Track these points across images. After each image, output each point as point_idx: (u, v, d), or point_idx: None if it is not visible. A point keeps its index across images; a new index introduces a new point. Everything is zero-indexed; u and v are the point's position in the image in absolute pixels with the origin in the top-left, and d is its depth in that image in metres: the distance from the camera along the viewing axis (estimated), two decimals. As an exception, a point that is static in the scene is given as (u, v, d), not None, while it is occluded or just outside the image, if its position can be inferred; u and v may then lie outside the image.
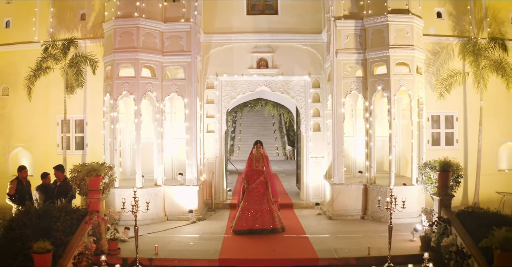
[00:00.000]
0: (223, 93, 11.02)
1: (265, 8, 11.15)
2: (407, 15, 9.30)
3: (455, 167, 7.56)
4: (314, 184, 10.92)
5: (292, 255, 6.93)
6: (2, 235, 6.50)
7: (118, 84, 9.21)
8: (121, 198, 7.89)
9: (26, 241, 6.18)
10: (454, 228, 6.60)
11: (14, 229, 6.48)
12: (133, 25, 9.23)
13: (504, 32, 11.94)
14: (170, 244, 7.57)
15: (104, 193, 7.53)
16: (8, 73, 12.01)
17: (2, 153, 12.05)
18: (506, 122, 11.84)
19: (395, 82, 9.19)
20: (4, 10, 12.23)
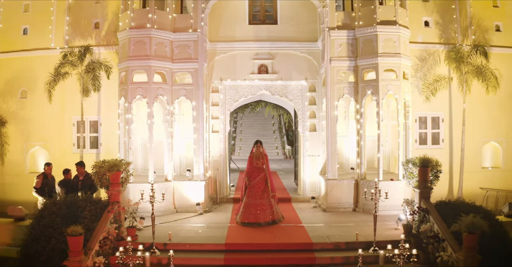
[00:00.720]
0: (227, 97, 11.98)
1: (266, 18, 12.11)
2: (394, 26, 10.25)
3: (434, 163, 8.51)
4: (310, 179, 11.88)
5: (290, 240, 7.89)
6: (35, 223, 7.45)
7: (133, 89, 10.17)
8: (135, 192, 8.90)
9: (56, 227, 7.15)
10: (432, 216, 7.56)
11: (45, 217, 7.45)
12: (146, 35, 10.19)
13: (488, 39, 12.95)
14: (181, 232, 8.52)
15: (122, 186, 8.46)
16: (26, 78, 12.97)
17: (21, 152, 12.99)
18: (490, 123, 12.80)
19: (383, 87, 10.15)
20: (21, 18, 13.17)
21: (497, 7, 13.19)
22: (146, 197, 7.74)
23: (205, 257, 7.39)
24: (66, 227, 6.58)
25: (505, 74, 12.53)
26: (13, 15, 13.16)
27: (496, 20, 13.15)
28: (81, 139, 11.81)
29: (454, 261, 6.65)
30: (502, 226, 7.51)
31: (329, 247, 7.60)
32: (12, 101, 13.04)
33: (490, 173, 13.02)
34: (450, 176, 12.55)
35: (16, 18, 13.14)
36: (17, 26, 13.13)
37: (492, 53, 12.65)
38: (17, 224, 9.07)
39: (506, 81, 12.54)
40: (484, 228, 6.31)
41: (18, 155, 12.92)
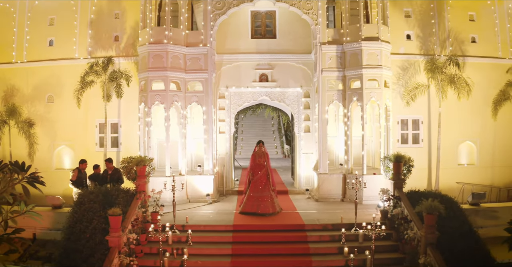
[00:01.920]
0: (232, 102, 13.63)
1: (266, 33, 13.75)
2: (377, 42, 11.91)
3: (406, 159, 10.14)
4: (305, 174, 13.53)
5: (286, 222, 9.53)
6: (76, 208, 9.07)
7: (152, 96, 11.81)
8: (155, 184, 10.53)
9: (95, 211, 8.76)
10: (403, 202, 9.21)
11: (85, 203, 9.06)
12: (163, 50, 11.83)
13: (465, 50, 14.63)
14: (195, 216, 10.16)
15: (147, 178, 10.08)
16: (52, 84, 14.61)
17: (48, 150, 14.62)
18: (465, 125, 14.45)
19: (366, 94, 11.81)
20: (47, 31, 14.82)
21: (473, 21, 14.85)
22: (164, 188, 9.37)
23: (217, 235, 9.03)
24: (106, 210, 8.22)
25: (479, 81, 14.22)
26: (39, 28, 14.80)
27: (472, 33, 14.81)
28: (104, 139, 13.45)
29: (418, 237, 8.28)
30: (461, 210, 9.16)
31: (319, 228, 9.25)
32: (40, 105, 14.67)
33: (466, 169, 14.68)
34: (429, 171, 14.21)
35: (42, 31, 14.77)
36: (44, 38, 14.77)
37: (468, 62, 14.41)
38: (55, 211, 10.73)
39: (480, 87, 14.21)
40: (441, 210, 7.93)
41: (46, 153, 14.54)
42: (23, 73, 14.83)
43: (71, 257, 7.74)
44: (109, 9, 14.31)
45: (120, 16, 14.24)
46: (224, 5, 12.42)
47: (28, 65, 14.78)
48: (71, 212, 8.98)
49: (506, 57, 14.92)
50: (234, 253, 8.45)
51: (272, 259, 8.31)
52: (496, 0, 15.11)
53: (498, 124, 14.49)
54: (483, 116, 14.47)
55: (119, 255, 7.80)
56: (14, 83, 14.86)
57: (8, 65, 14.96)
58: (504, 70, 14.67)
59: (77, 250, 7.85)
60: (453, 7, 14.61)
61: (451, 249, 7.78)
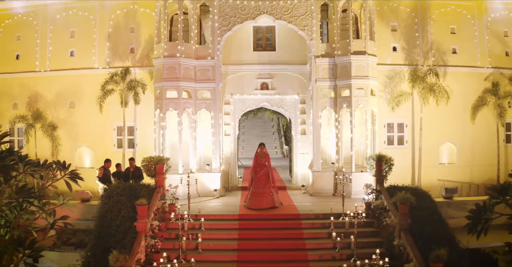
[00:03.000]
0: (236, 108, 15.25)
1: (267, 46, 15.37)
2: (364, 55, 13.52)
3: (387, 158, 11.74)
4: (301, 172, 15.15)
5: (284, 212, 11.15)
6: (106, 200, 10.65)
7: (166, 103, 13.42)
8: (170, 180, 12.08)
9: (123, 202, 10.35)
10: (383, 194, 10.82)
11: (113, 196, 10.65)
12: (176, 62, 13.44)
13: (446, 60, 16.26)
14: (206, 208, 11.77)
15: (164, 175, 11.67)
16: (73, 91, 16.22)
17: (69, 150, 16.22)
18: (446, 128, 16.06)
19: (355, 102, 13.42)
20: (68, 43, 16.44)
21: (454, 34, 16.48)
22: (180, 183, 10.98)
23: (225, 223, 10.64)
24: (133, 202, 9.82)
25: (459, 88, 15.85)
26: (61, 40, 16.42)
27: (453, 44, 16.44)
28: (123, 141, 15.07)
29: (394, 224, 9.89)
30: (433, 201, 10.79)
31: (312, 217, 10.86)
32: (62, 110, 16.29)
33: (447, 168, 16.31)
34: (413, 169, 15.83)
35: (64, 43, 16.39)
36: (65, 49, 16.39)
37: (449, 71, 16.05)
38: (84, 204, 12.31)
39: (460, 94, 15.83)
40: (412, 201, 9.54)
41: (68, 153, 16.12)
42: (46, 81, 16.44)
43: (105, 240, 9.32)
44: (125, 24, 15.92)
45: (135, 30, 15.84)
46: (230, 22, 14.03)
47: (51, 74, 16.40)
48: (101, 204, 10.56)
49: (484, 66, 16.55)
50: (240, 237, 10.06)
51: (272, 242, 9.92)
52: (476, 15, 16.74)
53: (476, 127, 16.10)
54: (463, 120, 16.07)
55: (146, 238, 9.40)
56: (38, 90, 16.46)
57: (32, 74, 16.57)
58: (482, 78, 16.33)
59: (110, 234, 9.44)
60: (436, 21, 16.23)
61: (421, 234, 9.36)
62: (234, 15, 14.08)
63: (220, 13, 14.08)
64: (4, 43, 16.96)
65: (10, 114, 16.36)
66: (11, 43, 16.90)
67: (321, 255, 9.48)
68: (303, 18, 14.09)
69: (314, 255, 9.49)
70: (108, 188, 11.33)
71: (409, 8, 16.06)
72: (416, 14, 16.09)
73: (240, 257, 9.41)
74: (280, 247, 9.80)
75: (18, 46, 16.85)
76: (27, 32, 16.73)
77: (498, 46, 16.79)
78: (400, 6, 16.02)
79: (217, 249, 9.74)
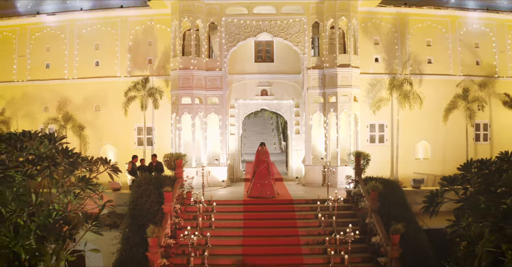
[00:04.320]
0: (240, 111, 17.76)
1: (266, 58, 17.86)
2: (348, 68, 16.01)
3: (365, 155, 14.27)
4: (296, 166, 17.70)
5: (280, 198, 13.72)
6: (136, 189, 13.18)
7: (181, 108, 15.94)
8: (186, 172, 14.59)
9: (151, 190, 12.87)
10: (360, 184, 13.36)
11: (142, 185, 13.19)
12: (189, 74, 15.94)
13: (422, 70, 18.73)
14: (216, 195, 14.30)
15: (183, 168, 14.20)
16: (99, 96, 18.70)
17: (95, 148, 18.71)
18: (421, 128, 18.51)
19: (340, 107, 15.94)
20: (94, 54, 18.90)
21: (430, 46, 18.92)
22: (196, 175, 13.53)
23: (233, 207, 13.19)
24: (160, 189, 12.35)
25: (434, 94, 18.32)
26: (87, 51, 18.87)
27: (429, 55, 18.90)
28: (143, 139, 17.61)
29: (367, 206, 12.43)
30: (401, 189, 13.33)
31: (302, 202, 13.41)
32: (88, 113, 18.78)
33: (422, 162, 18.85)
34: (392, 164, 18.37)
35: (89, 54, 18.85)
36: (91, 59, 18.85)
37: (424, 79, 18.53)
38: (116, 193, 14.84)
39: (434, 98, 18.30)
40: (380, 188, 12.06)
41: (94, 150, 18.57)
42: (74, 87, 18.91)
43: (138, 220, 11.86)
44: (144, 38, 18.38)
45: (152, 44, 18.31)
46: (235, 39, 16.52)
47: (79, 81, 18.87)
48: (133, 192, 13.10)
49: (456, 74, 19.01)
50: (245, 218, 12.61)
51: (270, 222, 12.48)
52: (450, 29, 19.16)
53: (447, 128, 18.58)
54: (436, 121, 18.56)
55: (171, 217, 11.95)
56: (66, 95, 18.93)
57: (61, 81, 19.02)
58: (454, 85, 18.78)
59: (142, 215, 11.99)
60: (414, 35, 18.69)
61: (387, 214, 11.88)
62: (238, 32, 16.56)
63: (227, 31, 16.56)
64: (35, 54, 19.39)
65: (42, 117, 18.84)
66: (42, 54, 19.32)
67: (309, 231, 12.04)
68: (297, 35, 16.56)
69: (303, 231, 12.05)
70: (137, 179, 13.90)
71: (390, 24, 18.50)
72: (396, 29, 18.54)
73: (245, 233, 11.95)
74: (277, 225, 12.36)
75: (48, 56, 19.27)
76: (56, 44, 19.15)
77: (469, 56, 19.22)
78: (382, 22, 18.46)
79: (227, 227, 12.30)
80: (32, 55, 19.37)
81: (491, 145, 19.25)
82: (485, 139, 19.30)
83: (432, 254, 10.74)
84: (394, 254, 10.00)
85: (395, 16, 18.45)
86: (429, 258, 10.38)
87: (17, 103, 19.35)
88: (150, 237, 10.04)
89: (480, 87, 18.92)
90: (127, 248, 10.66)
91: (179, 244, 11.25)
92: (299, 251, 11.23)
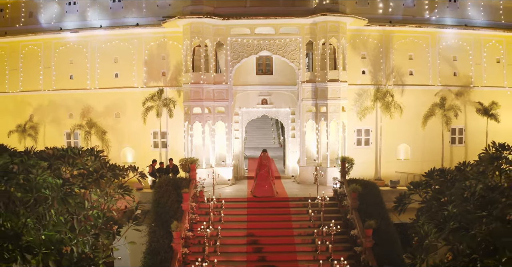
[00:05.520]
0: (243, 118, 20.29)
1: (266, 71, 20.29)
2: (337, 82, 18.47)
3: (349, 159, 16.86)
4: (292, 165, 20.33)
5: (278, 196, 16.37)
6: (158, 190, 15.77)
7: (193, 117, 18.47)
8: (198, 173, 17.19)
9: (171, 190, 15.49)
10: (344, 185, 15.99)
11: (162, 187, 15.78)
12: (200, 87, 18.41)
13: (404, 81, 21.14)
14: (223, 193, 16.92)
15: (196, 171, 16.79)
16: (118, 105, 21.17)
17: (116, 150, 21.25)
18: (402, 132, 20.93)
19: (330, 116, 18.46)
20: (113, 67, 21.24)
21: (411, 59, 21.28)
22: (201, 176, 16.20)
23: (238, 204, 15.85)
24: (179, 190, 14.97)
25: (414, 102, 20.77)
26: (107, 64, 21.23)
27: (411, 68, 21.27)
28: (158, 143, 20.20)
29: (349, 204, 15.07)
30: (378, 190, 15.96)
31: (296, 199, 16.06)
32: (110, 119, 21.26)
33: (403, 162, 21.43)
34: (376, 164, 20.98)
35: (109, 67, 21.22)
36: (111, 72, 21.24)
37: (406, 89, 20.96)
38: (139, 192, 17.46)
39: (414, 106, 20.73)
40: (359, 190, 14.66)
41: (115, 152, 21.19)
42: (96, 96, 21.35)
43: (162, 216, 14.47)
44: (158, 53, 20.75)
45: (165, 58, 20.71)
46: (239, 56, 18.94)
47: (100, 91, 21.29)
48: (155, 192, 15.68)
49: (435, 84, 21.39)
50: (248, 213, 15.28)
51: (269, 216, 15.17)
52: (430, 43, 21.43)
53: (426, 132, 21.02)
54: (416, 127, 21.01)
55: (188, 214, 14.61)
56: (89, 104, 21.37)
57: (84, 91, 21.42)
58: (433, 94, 21.16)
59: (165, 212, 14.59)
60: (397, 50, 21.03)
61: (365, 211, 14.52)
62: (242, 50, 18.97)
63: (231, 49, 18.96)
64: (60, 66, 21.67)
65: (67, 122, 21.34)
66: (66, 66, 21.61)
67: (301, 224, 14.72)
68: (293, 53, 18.96)
69: (296, 224, 14.73)
70: (158, 181, 16.52)
71: (376, 40, 20.84)
72: (381, 45, 20.87)
73: (249, 226, 14.61)
74: (275, 219, 15.06)
75: (71, 68, 21.57)
76: (78, 57, 21.45)
77: (447, 68, 21.54)
78: (369, 39, 20.79)
79: (234, 221, 14.96)
80: (56, 67, 21.70)
81: (465, 147, 21.74)
82: (460, 142, 21.78)
83: (400, 245, 13.35)
84: (367, 245, 12.66)
85: (381, 33, 20.75)
86: (396, 248, 12.99)
87: (44, 110, 21.80)
88: (174, 231, 12.69)
89: (457, 96, 21.31)
90: (155, 239, 13.28)
91: (195, 236, 13.93)
92: (293, 241, 13.94)
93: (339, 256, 12.55)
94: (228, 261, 13.04)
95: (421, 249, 9.33)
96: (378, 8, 20.80)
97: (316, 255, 13.11)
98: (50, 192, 8.95)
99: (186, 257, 12.77)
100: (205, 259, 12.71)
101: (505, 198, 8.41)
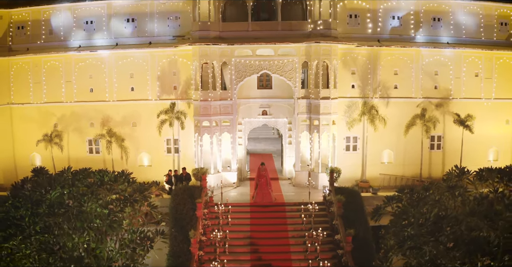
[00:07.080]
0: (246, 127, 23.00)
1: (266, 86, 22.80)
2: (328, 100, 21.04)
3: (337, 170, 19.72)
4: (288, 169, 23.22)
5: (276, 202, 19.33)
6: (175, 197, 18.65)
7: (202, 130, 21.18)
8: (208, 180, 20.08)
9: (187, 198, 18.39)
10: (332, 193, 18.90)
11: (179, 194, 18.71)
12: (208, 104, 21.02)
13: (389, 94, 23.62)
14: (229, 196, 19.87)
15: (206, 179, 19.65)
16: (134, 115, 23.77)
17: (134, 155, 23.99)
18: (386, 140, 23.54)
19: (322, 129, 21.17)
20: (129, 81, 23.69)
21: (396, 74, 23.67)
22: (212, 180, 19.12)
23: (243, 208, 18.80)
24: (193, 198, 17.88)
25: (397, 113, 23.33)
26: (124, 79, 23.60)
27: (396, 82, 23.68)
28: (171, 149, 23.01)
29: (335, 211, 18.01)
30: (360, 197, 18.89)
31: (291, 204, 19.03)
32: (127, 128, 23.88)
33: (386, 165, 24.24)
34: (362, 167, 23.80)
35: (126, 81, 23.62)
36: (127, 86, 23.68)
37: (391, 101, 23.47)
38: (157, 198, 20.36)
39: (397, 117, 23.27)
40: (343, 200, 17.54)
41: (133, 157, 23.94)
42: (114, 107, 23.86)
43: (179, 221, 17.45)
44: (169, 69, 23.17)
45: (176, 74, 23.15)
46: (242, 75, 21.44)
47: (118, 103, 23.77)
48: (172, 199, 18.57)
49: (417, 97, 23.79)
50: (252, 217, 18.30)
51: (269, 220, 18.18)
52: (414, 60, 23.67)
53: (407, 139, 23.58)
54: (398, 134, 23.59)
55: (202, 220, 17.58)
56: (108, 114, 23.91)
57: (103, 103, 23.87)
58: (415, 106, 23.62)
59: (182, 218, 17.56)
60: (384, 66, 23.40)
61: (347, 217, 17.46)
62: (244, 70, 21.43)
63: (235, 69, 21.42)
64: (80, 80, 23.91)
65: (89, 131, 23.98)
66: (86, 80, 23.90)
67: (295, 227, 17.75)
68: (290, 72, 21.43)
69: (291, 226, 17.77)
70: (174, 189, 19.42)
71: (365, 57, 23.18)
72: (369, 61, 23.24)
73: (252, 228, 17.66)
74: (273, 222, 18.08)
75: (91, 82, 23.87)
76: (97, 73, 23.75)
77: (429, 82, 23.85)
78: (358, 56, 23.14)
79: (239, 224, 17.99)
80: (77, 81, 24.00)
81: (443, 152, 24.40)
82: (438, 147, 24.45)
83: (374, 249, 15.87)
84: (347, 248, 15.71)
85: (370, 51, 23.05)
86: (371, 252, 15.77)
87: (67, 119, 24.36)
88: (192, 237, 15.68)
89: (437, 107, 23.77)
90: (175, 244, 16.20)
91: (207, 239, 16.96)
92: (288, 242, 17.03)
93: (326, 256, 15.66)
94: (236, 260, 16.15)
95: (386, 258, 12.36)
96: (368, 28, 23.04)
97: (306, 255, 16.19)
98: (99, 221, 11.98)
99: (201, 258, 15.86)
100: (216, 258, 15.82)
101: (450, 227, 11.28)
